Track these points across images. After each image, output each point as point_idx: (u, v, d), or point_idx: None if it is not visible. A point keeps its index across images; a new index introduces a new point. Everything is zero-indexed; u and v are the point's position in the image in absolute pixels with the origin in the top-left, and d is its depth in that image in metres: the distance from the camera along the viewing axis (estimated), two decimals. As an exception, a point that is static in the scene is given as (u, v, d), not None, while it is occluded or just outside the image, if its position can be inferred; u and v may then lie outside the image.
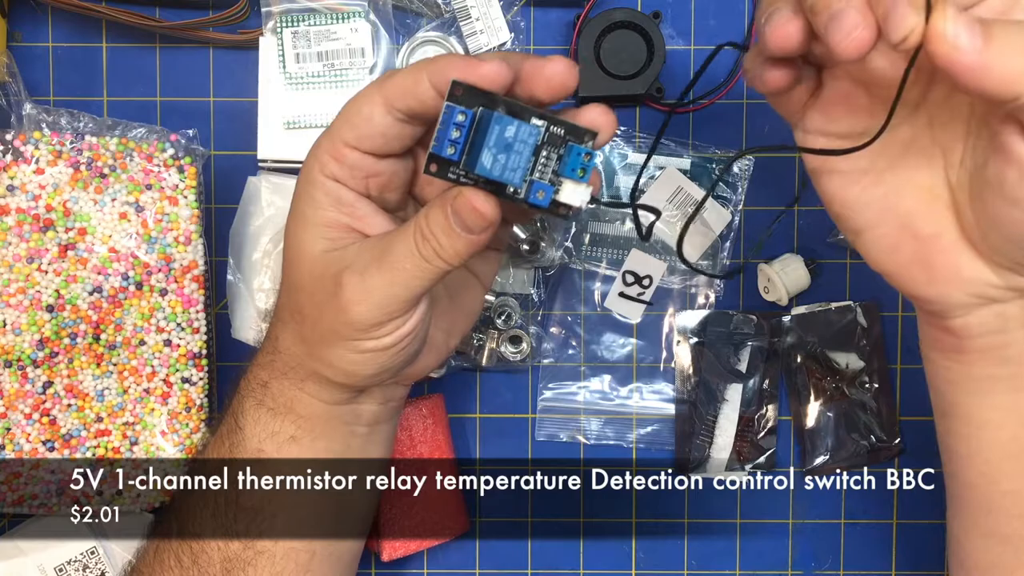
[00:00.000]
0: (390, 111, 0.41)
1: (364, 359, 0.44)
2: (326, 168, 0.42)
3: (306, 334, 0.44)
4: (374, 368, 0.44)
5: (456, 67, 0.39)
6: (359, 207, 0.43)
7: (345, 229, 0.43)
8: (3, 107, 0.58)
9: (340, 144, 0.41)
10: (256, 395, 0.47)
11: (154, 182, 0.58)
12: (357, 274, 0.42)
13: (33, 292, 0.58)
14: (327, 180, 0.42)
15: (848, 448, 0.64)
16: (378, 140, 0.41)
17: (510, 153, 0.38)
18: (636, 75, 0.60)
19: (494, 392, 0.64)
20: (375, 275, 0.41)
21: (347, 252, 0.42)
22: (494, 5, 0.60)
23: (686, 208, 0.62)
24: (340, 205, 0.42)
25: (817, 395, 0.63)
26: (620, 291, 0.63)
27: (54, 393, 0.59)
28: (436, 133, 0.38)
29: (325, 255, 0.43)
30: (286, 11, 0.60)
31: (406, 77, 0.40)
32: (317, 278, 0.43)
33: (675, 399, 0.64)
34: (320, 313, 0.43)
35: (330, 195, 0.42)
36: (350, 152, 0.42)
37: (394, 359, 0.44)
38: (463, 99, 0.38)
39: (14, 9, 0.61)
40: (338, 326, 0.43)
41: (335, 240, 0.43)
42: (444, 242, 0.40)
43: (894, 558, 0.65)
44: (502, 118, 0.38)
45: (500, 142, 0.38)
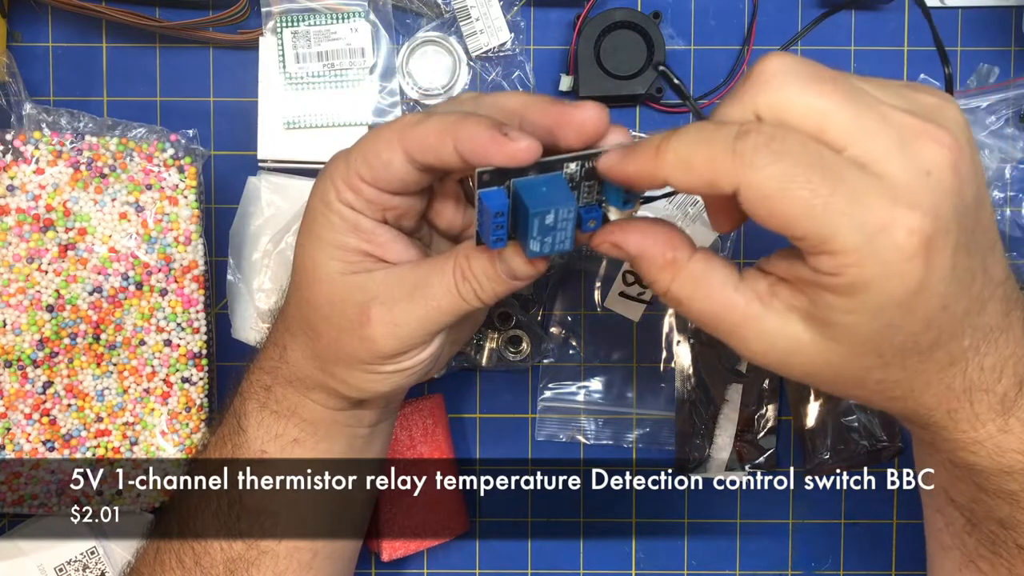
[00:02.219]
0: (410, 160, 0.40)
1: (382, 379, 0.44)
2: (343, 196, 0.41)
3: (320, 352, 0.44)
4: (390, 387, 0.44)
5: (483, 143, 0.36)
6: (378, 234, 0.42)
7: (363, 255, 0.42)
8: (3, 107, 0.58)
9: (356, 178, 0.41)
10: (259, 398, 0.47)
11: (154, 182, 0.58)
12: (386, 307, 0.41)
13: (33, 292, 0.58)
14: (344, 207, 0.42)
15: (848, 448, 0.64)
16: (395, 184, 0.41)
17: (555, 232, 0.37)
18: (636, 75, 0.60)
19: (494, 392, 0.64)
20: (406, 309, 0.41)
21: (371, 280, 0.42)
22: (494, 5, 0.60)
23: (686, 208, 0.62)
24: (358, 231, 0.42)
25: (817, 395, 0.63)
26: (620, 291, 0.63)
27: (54, 393, 0.59)
28: (478, 222, 0.38)
29: (344, 278, 0.42)
30: (286, 11, 0.60)
31: (429, 134, 0.38)
32: (337, 302, 0.42)
33: (675, 399, 0.64)
34: (338, 336, 0.43)
35: (347, 221, 0.42)
36: (366, 187, 0.41)
37: (410, 379, 0.44)
38: (493, 180, 0.37)
39: (14, 9, 0.61)
40: (360, 353, 0.42)
41: (353, 264, 0.42)
42: (486, 286, 0.40)
43: (894, 558, 0.65)
44: (538, 211, 0.36)
45: (543, 230, 0.37)
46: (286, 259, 0.61)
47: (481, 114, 0.38)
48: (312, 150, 0.61)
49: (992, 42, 0.63)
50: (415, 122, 0.39)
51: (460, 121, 0.38)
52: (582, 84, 0.60)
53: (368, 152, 0.40)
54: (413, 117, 0.40)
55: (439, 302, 0.41)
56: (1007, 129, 0.61)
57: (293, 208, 0.61)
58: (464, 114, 0.38)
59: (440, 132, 0.38)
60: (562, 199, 0.37)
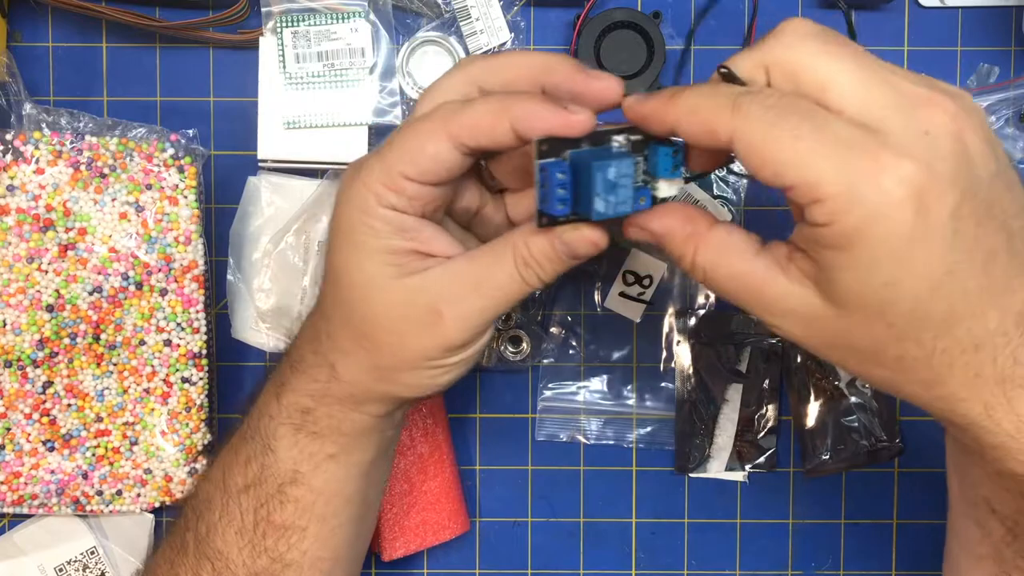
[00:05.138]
0: (458, 147, 0.40)
1: (447, 372, 0.44)
2: (385, 199, 0.41)
3: (382, 361, 0.44)
4: (454, 378, 0.45)
5: (543, 117, 0.38)
6: (422, 230, 0.42)
7: (413, 254, 0.42)
8: (3, 107, 0.58)
9: (399, 177, 0.41)
10: (294, 421, 0.46)
11: (154, 182, 0.58)
12: (455, 304, 0.42)
13: (33, 292, 0.58)
14: (387, 211, 0.41)
15: (848, 448, 0.64)
16: (443, 174, 0.41)
17: (617, 190, 0.39)
18: (636, 75, 0.60)
19: (494, 392, 0.64)
20: (475, 302, 0.42)
21: (429, 280, 0.42)
22: (494, 5, 0.60)
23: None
24: (404, 232, 0.42)
25: (817, 395, 0.63)
26: (620, 291, 0.63)
27: (54, 393, 0.59)
28: (539, 193, 0.39)
29: (400, 282, 0.42)
30: (286, 11, 0.60)
31: (484, 116, 0.39)
32: (399, 307, 0.42)
33: (675, 399, 0.64)
34: (404, 341, 0.43)
35: (391, 224, 0.42)
36: (410, 184, 0.41)
37: (470, 366, 0.45)
38: (551, 151, 0.39)
39: (14, 9, 0.61)
40: (431, 351, 0.43)
41: (404, 266, 0.42)
42: (547, 267, 0.41)
43: (894, 558, 0.65)
44: (601, 164, 0.38)
45: (606, 186, 0.38)
46: (286, 259, 0.61)
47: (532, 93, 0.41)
48: (312, 150, 0.61)
49: (992, 42, 0.63)
50: (457, 109, 0.40)
51: (514, 99, 0.39)
52: (582, 84, 0.60)
53: (411, 149, 0.41)
54: (451, 105, 0.41)
55: (505, 291, 0.42)
56: (1007, 129, 0.61)
57: (293, 208, 0.61)
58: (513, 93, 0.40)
59: (494, 113, 0.39)
60: (620, 157, 0.39)
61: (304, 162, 0.61)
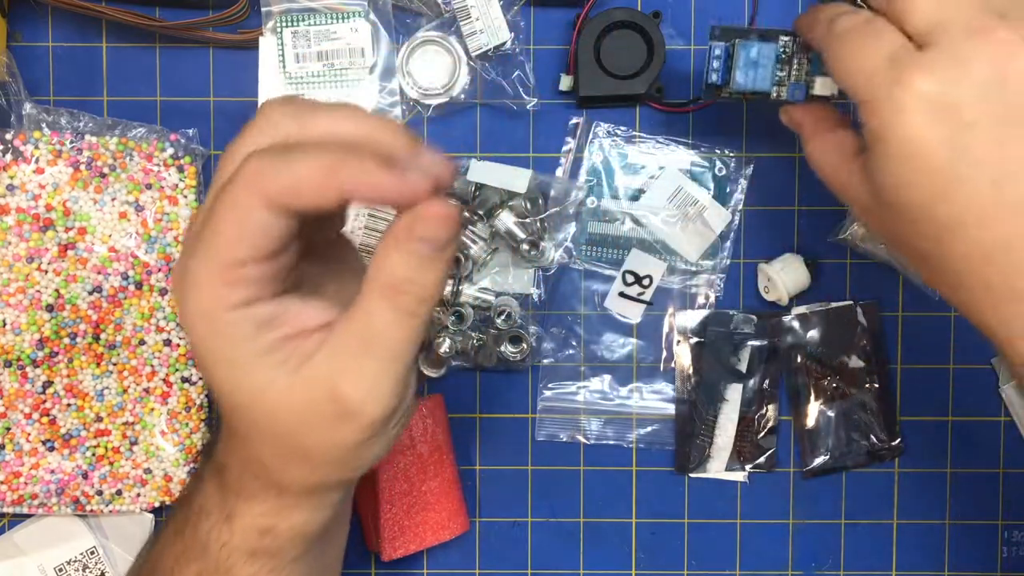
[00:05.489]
0: (283, 212, 0.35)
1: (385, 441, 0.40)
2: (227, 300, 0.35)
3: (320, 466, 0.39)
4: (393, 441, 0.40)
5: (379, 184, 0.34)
6: (287, 310, 0.37)
7: (286, 341, 0.37)
8: (3, 107, 0.58)
9: (232, 267, 0.35)
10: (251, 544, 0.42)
11: (154, 182, 0.58)
12: (356, 380, 0.36)
13: (33, 292, 0.58)
14: (236, 312, 0.35)
15: (848, 448, 0.63)
16: (279, 242, 0.35)
17: (757, 68, 0.50)
18: (636, 75, 0.60)
19: (494, 392, 0.64)
20: (374, 368, 0.36)
21: (318, 365, 0.36)
22: (494, 5, 0.60)
23: (686, 208, 0.62)
24: (267, 324, 0.36)
25: (817, 395, 0.63)
26: (620, 291, 0.63)
27: (54, 393, 0.59)
28: (707, 67, 0.51)
29: (291, 380, 0.36)
30: (286, 11, 0.60)
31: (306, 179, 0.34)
32: (302, 405, 0.37)
33: (675, 399, 0.64)
34: (328, 438, 0.38)
35: (248, 322, 0.36)
36: (248, 269, 0.35)
37: (409, 419, 0.41)
38: (720, 37, 0.51)
39: (14, 9, 0.61)
40: (357, 435, 0.38)
41: (286, 360, 0.36)
42: (420, 278, 0.36)
43: (894, 558, 0.65)
44: (747, 44, 0.50)
45: (747, 63, 0.50)
46: (286, 259, 0.61)
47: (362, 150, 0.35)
48: (312, 150, 0.61)
49: None
50: (273, 166, 0.34)
51: (342, 160, 0.34)
52: (582, 84, 0.60)
53: (232, 227, 0.34)
54: (263, 161, 0.34)
55: (394, 336, 0.36)
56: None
57: (293, 208, 0.61)
58: (341, 152, 0.35)
59: (321, 174, 0.34)
60: (766, 42, 0.50)
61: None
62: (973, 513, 0.65)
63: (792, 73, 0.51)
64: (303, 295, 0.38)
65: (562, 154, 0.63)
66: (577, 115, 0.63)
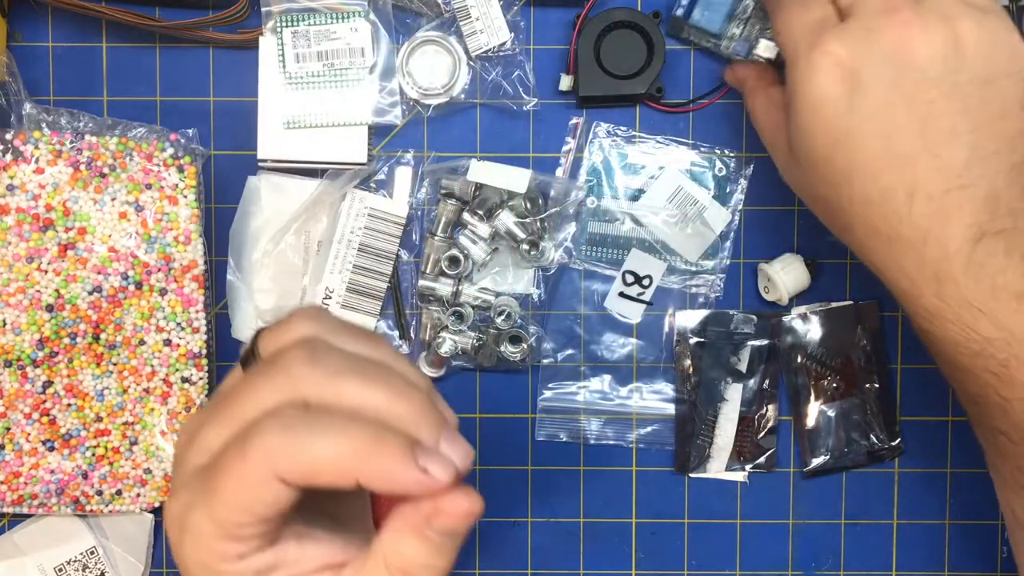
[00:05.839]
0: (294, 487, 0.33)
1: None
2: (227, 554, 0.34)
3: None
4: None
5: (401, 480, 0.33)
6: (287, 554, 0.36)
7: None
8: (3, 107, 0.58)
9: (235, 529, 0.34)
10: None
11: (154, 182, 0.58)
12: None
13: (33, 292, 0.58)
14: (237, 563, 0.35)
15: (848, 448, 0.63)
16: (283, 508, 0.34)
17: (713, 8, 0.58)
18: (636, 75, 0.60)
19: (494, 392, 0.64)
20: None
21: None
22: (494, 5, 0.60)
23: (686, 208, 0.62)
24: (270, 572, 0.36)
25: (817, 395, 0.63)
26: (620, 291, 0.63)
27: (54, 393, 0.59)
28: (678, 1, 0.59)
29: None
30: (286, 11, 0.60)
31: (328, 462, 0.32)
32: None
33: (675, 399, 0.64)
34: None
35: (251, 570, 0.35)
36: (249, 528, 0.34)
37: None
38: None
39: (14, 9, 0.61)
40: None
41: None
42: (435, 563, 0.36)
43: (894, 558, 0.65)
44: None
45: (706, 4, 0.58)
46: (286, 259, 0.61)
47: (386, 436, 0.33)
48: (312, 150, 0.61)
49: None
50: (286, 448, 0.32)
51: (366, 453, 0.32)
52: (582, 84, 0.60)
53: (240, 498, 0.33)
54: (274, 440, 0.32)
55: None
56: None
57: (293, 208, 0.61)
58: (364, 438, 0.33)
59: (341, 462, 0.32)
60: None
61: (304, 162, 0.61)
62: (973, 513, 0.65)
63: (743, 32, 0.58)
64: (299, 536, 0.37)
65: (562, 154, 0.63)
66: (577, 115, 0.63)
